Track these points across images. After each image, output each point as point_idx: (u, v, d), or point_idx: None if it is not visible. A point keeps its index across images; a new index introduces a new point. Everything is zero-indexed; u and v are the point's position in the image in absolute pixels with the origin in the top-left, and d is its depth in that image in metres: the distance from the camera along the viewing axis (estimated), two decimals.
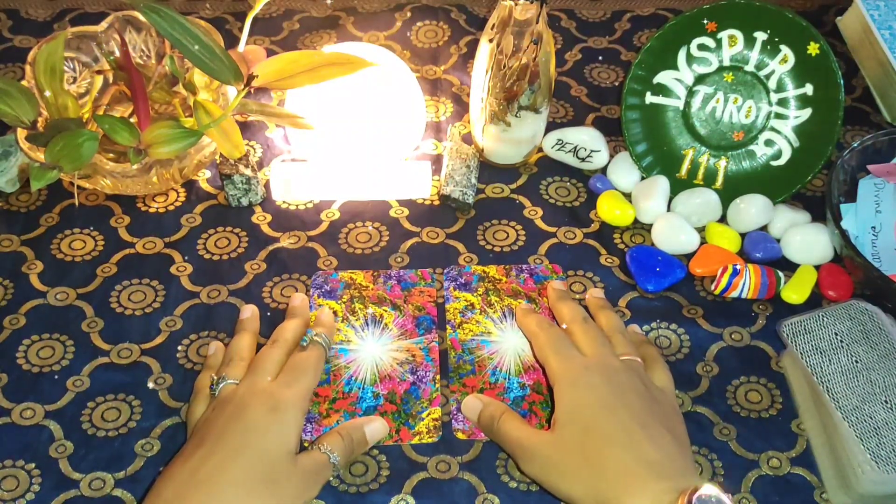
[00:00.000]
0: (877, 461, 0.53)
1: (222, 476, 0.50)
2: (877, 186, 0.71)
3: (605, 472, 0.50)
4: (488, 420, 0.57)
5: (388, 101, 0.71)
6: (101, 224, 0.72)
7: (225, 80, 0.64)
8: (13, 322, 0.65)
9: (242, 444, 0.52)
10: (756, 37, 0.72)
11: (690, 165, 0.74)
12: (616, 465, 0.50)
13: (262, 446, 0.52)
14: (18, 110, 0.64)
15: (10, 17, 0.89)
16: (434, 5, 0.91)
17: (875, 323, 0.60)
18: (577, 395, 0.54)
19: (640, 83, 0.74)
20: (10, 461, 0.57)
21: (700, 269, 0.69)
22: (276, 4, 0.90)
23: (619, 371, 0.55)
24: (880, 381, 0.57)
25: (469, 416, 0.59)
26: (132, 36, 0.75)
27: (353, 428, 0.57)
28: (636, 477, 0.49)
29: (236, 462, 0.51)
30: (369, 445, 0.58)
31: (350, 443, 0.56)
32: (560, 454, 0.52)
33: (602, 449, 0.51)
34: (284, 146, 0.78)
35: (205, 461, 0.51)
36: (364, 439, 0.58)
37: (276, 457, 0.52)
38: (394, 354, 0.63)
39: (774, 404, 0.62)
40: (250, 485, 0.50)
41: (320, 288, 0.67)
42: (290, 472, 0.52)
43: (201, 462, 0.51)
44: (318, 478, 0.54)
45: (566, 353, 0.57)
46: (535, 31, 0.65)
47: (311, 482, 0.54)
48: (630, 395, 0.54)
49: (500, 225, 0.72)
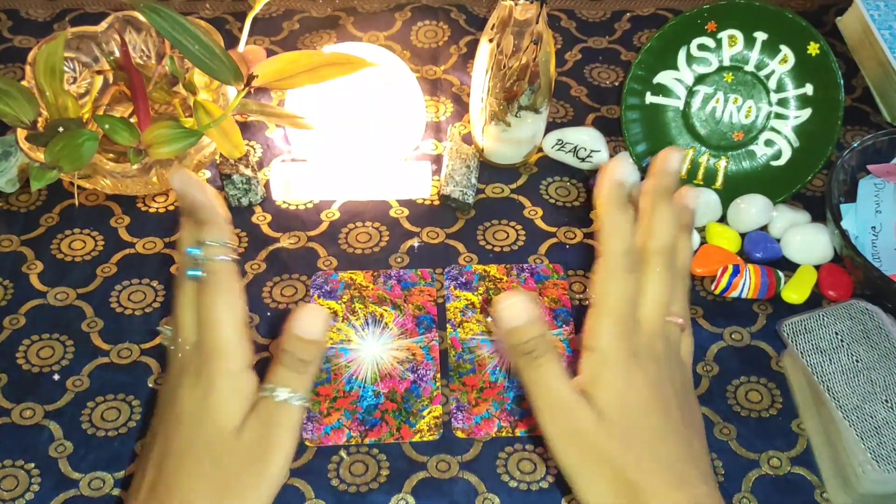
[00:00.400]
0: (877, 460, 0.53)
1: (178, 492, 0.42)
2: (877, 186, 0.71)
3: (650, 464, 0.43)
4: (525, 350, 0.44)
5: (388, 101, 0.71)
6: (101, 224, 0.72)
7: (225, 80, 0.64)
8: (13, 322, 0.65)
9: (185, 446, 0.42)
10: (756, 37, 0.72)
11: (690, 165, 0.74)
12: (665, 458, 0.44)
13: (200, 439, 0.42)
14: (18, 110, 0.64)
15: (10, 17, 0.89)
16: (434, 5, 0.91)
17: (875, 322, 0.60)
18: (628, 383, 0.44)
19: (640, 83, 0.74)
20: (9, 461, 0.57)
21: (700, 269, 0.69)
22: (275, 4, 0.91)
23: (668, 359, 0.47)
24: (880, 380, 0.57)
25: (504, 320, 0.45)
26: (132, 36, 0.76)
27: (292, 343, 0.43)
28: (681, 475, 0.44)
29: (184, 467, 0.42)
30: (322, 344, 0.44)
31: (295, 364, 0.43)
32: (604, 440, 0.43)
33: (652, 442, 0.44)
34: (284, 146, 0.78)
35: (158, 473, 0.43)
36: (310, 349, 0.43)
37: (217, 443, 0.42)
38: (394, 353, 0.63)
39: (775, 404, 0.62)
40: (206, 490, 0.42)
41: (320, 288, 0.67)
42: (234, 449, 0.42)
43: (156, 476, 0.43)
44: (278, 431, 0.42)
45: (626, 325, 0.45)
46: (534, 31, 0.65)
47: (272, 443, 0.42)
48: (670, 389, 0.46)
49: (501, 225, 0.72)
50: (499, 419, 0.60)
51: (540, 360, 0.44)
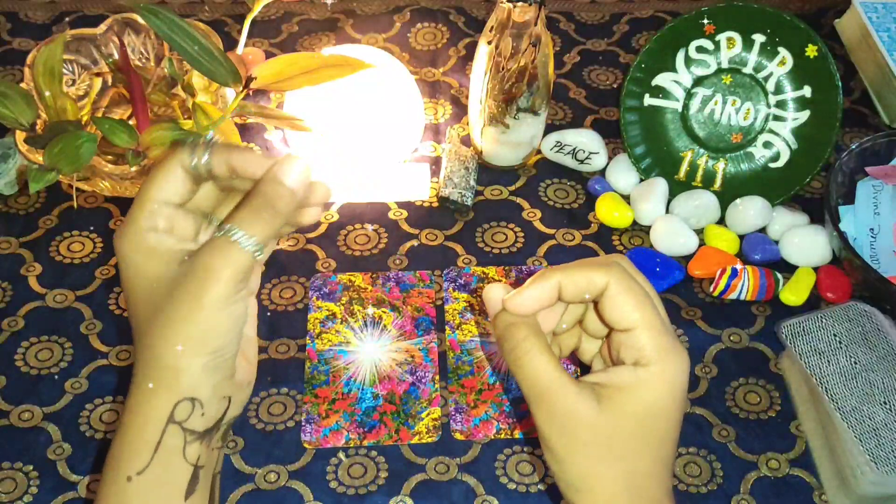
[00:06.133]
0: (876, 462, 0.53)
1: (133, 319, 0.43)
2: (875, 188, 0.71)
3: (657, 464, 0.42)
4: (502, 332, 0.43)
5: (386, 103, 0.71)
6: (99, 226, 0.72)
7: (223, 82, 0.64)
8: (12, 324, 0.65)
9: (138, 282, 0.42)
10: (754, 39, 0.72)
11: (689, 167, 0.74)
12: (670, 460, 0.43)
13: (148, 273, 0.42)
14: (17, 112, 0.64)
15: (10, 19, 0.89)
16: (433, 7, 0.91)
17: (874, 324, 0.60)
18: (673, 397, 0.42)
19: (638, 85, 0.74)
20: (7, 463, 0.57)
21: (699, 271, 0.69)
22: (274, 7, 0.91)
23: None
24: (879, 382, 0.57)
25: (488, 309, 0.44)
26: (131, 38, 0.76)
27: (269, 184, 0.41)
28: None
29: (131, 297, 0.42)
30: (297, 198, 0.42)
31: (264, 207, 0.41)
32: (607, 433, 0.41)
33: (668, 448, 0.42)
34: (283, 148, 0.78)
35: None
36: (285, 197, 0.41)
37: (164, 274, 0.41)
38: (393, 355, 0.63)
39: (773, 406, 0.62)
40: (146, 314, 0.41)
41: (319, 290, 0.67)
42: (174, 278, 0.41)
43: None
44: (219, 264, 0.40)
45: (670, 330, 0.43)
46: (533, 33, 0.65)
47: (210, 275, 0.40)
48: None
49: (499, 227, 0.72)
50: (497, 421, 0.60)
51: (520, 351, 0.42)
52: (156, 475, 0.41)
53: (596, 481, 0.41)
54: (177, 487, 0.42)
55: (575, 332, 0.47)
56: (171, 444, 0.41)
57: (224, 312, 0.40)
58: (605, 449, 0.40)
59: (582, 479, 0.41)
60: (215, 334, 0.40)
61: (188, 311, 0.40)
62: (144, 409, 0.41)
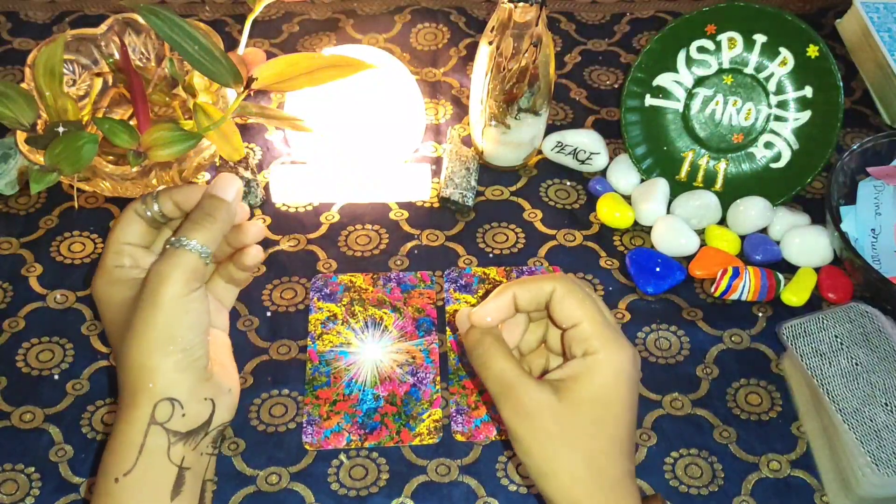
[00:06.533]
0: (877, 464, 0.53)
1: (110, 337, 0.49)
2: (876, 189, 0.71)
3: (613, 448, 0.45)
4: (472, 344, 0.49)
5: (387, 103, 0.71)
6: (100, 227, 0.72)
7: (224, 82, 0.64)
8: (12, 325, 0.65)
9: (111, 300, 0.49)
10: (755, 39, 0.72)
11: (690, 168, 0.74)
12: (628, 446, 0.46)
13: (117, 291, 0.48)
14: (18, 113, 0.64)
15: (10, 19, 0.89)
16: (434, 8, 0.91)
17: (875, 325, 0.60)
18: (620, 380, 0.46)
19: (639, 85, 0.74)
20: (9, 465, 0.57)
21: (700, 272, 0.69)
22: (275, 7, 0.90)
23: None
24: (880, 383, 0.57)
25: (459, 328, 0.51)
26: (132, 38, 0.75)
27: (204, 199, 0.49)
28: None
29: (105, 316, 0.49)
30: (228, 205, 0.48)
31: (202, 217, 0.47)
32: (566, 420, 0.45)
33: (622, 430, 0.46)
34: (284, 148, 0.78)
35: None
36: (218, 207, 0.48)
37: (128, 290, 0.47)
38: (394, 356, 0.63)
39: (774, 407, 0.62)
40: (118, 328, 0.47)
41: (320, 291, 0.67)
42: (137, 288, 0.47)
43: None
44: (168, 268, 0.45)
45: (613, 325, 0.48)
46: (534, 33, 0.65)
47: (163, 278, 0.45)
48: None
49: (500, 227, 0.72)
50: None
51: (482, 350, 0.48)
52: (141, 476, 0.44)
53: (559, 465, 0.45)
54: (162, 488, 0.45)
55: (541, 353, 0.52)
56: (154, 445, 0.45)
57: (181, 310, 0.45)
58: (565, 435, 0.45)
59: (548, 464, 0.45)
60: (178, 330, 0.45)
61: (149, 313, 0.45)
62: (127, 413, 0.45)
